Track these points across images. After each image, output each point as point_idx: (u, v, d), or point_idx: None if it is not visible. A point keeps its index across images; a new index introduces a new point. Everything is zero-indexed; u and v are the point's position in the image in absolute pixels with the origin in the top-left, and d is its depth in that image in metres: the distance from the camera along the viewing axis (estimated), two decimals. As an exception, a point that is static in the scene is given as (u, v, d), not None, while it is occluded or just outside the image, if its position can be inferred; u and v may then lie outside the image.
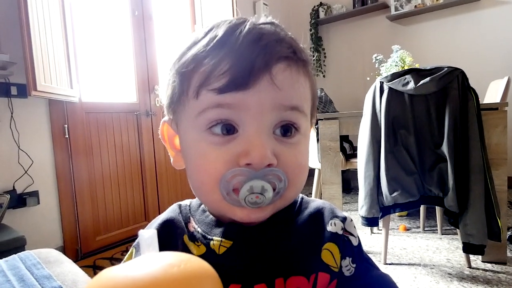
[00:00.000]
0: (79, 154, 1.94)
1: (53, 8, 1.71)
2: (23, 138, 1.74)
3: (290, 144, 0.34)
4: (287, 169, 0.33)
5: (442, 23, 3.12)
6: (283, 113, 0.33)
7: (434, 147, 1.44)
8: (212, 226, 0.37)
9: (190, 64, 0.33)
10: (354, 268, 0.37)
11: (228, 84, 0.30)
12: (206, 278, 0.23)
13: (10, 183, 1.70)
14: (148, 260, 0.22)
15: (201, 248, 0.36)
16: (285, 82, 0.32)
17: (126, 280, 0.21)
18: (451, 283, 1.40)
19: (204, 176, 0.33)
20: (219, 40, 0.32)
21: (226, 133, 0.32)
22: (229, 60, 0.31)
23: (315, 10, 3.69)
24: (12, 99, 1.70)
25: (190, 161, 0.35)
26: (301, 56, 0.35)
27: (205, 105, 0.32)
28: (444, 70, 1.39)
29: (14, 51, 1.61)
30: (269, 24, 0.35)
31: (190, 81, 0.33)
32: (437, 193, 1.45)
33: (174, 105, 0.36)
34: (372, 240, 1.90)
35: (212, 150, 0.32)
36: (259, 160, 0.30)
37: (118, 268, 0.22)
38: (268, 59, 0.31)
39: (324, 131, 1.76)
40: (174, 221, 0.39)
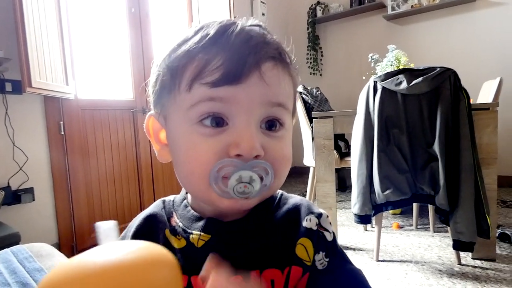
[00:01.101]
0: (75, 151, 1.94)
1: (49, 4, 1.71)
2: (18, 135, 1.75)
3: (275, 137, 0.36)
4: (274, 160, 0.35)
5: (437, 24, 3.14)
6: (270, 109, 0.35)
7: (426, 146, 1.46)
8: (193, 221, 0.39)
9: (182, 59, 0.35)
10: (327, 262, 0.38)
11: (221, 78, 0.32)
12: (161, 263, 0.24)
13: (4, 179, 1.71)
14: (106, 248, 0.23)
15: (182, 241, 0.38)
16: (272, 80, 0.34)
17: (84, 266, 0.21)
18: (441, 279, 1.42)
19: (194, 166, 0.34)
20: (212, 38, 0.34)
21: (216, 125, 0.34)
22: (222, 56, 0.33)
23: (313, 9, 3.69)
24: (6, 95, 1.70)
25: (179, 152, 0.36)
26: (286, 57, 0.37)
27: (197, 98, 0.33)
28: (436, 70, 1.41)
29: (9, 47, 1.61)
30: (257, 26, 0.37)
31: (182, 75, 0.34)
32: (428, 191, 1.47)
33: (163, 99, 0.37)
34: (365, 238, 1.93)
35: (203, 141, 0.33)
36: (249, 151, 0.32)
37: (76, 256, 0.22)
38: (258, 58, 0.33)
39: (319, 129, 1.77)
40: (156, 215, 0.41)
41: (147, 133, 0.41)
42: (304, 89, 2.33)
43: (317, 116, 1.78)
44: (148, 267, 0.23)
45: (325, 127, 1.76)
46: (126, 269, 0.22)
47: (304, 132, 2.21)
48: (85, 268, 0.21)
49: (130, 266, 0.22)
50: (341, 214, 2.38)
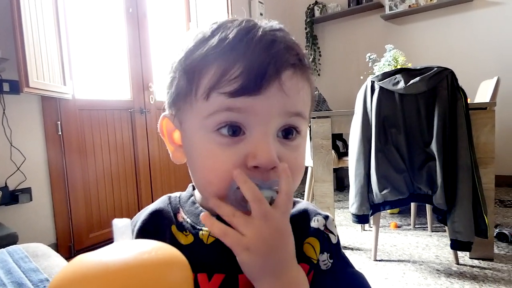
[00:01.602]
0: (72, 151, 1.94)
1: (46, 3, 1.71)
2: (15, 135, 1.74)
3: (291, 146, 0.36)
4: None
5: (435, 23, 3.15)
6: (288, 119, 0.34)
7: (424, 145, 1.46)
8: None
9: (199, 64, 0.34)
10: (331, 264, 0.39)
11: (240, 89, 0.31)
12: (175, 264, 0.24)
13: (2, 179, 1.70)
14: (121, 247, 0.23)
15: (189, 237, 0.38)
16: (292, 89, 0.34)
17: (98, 264, 0.22)
18: (439, 279, 1.42)
19: (212, 176, 0.34)
20: (230, 43, 0.33)
21: (233, 134, 0.33)
22: (240, 65, 0.32)
23: (311, 9, 3.70)
24: (4, 95, 1.70)
25: (196, 159, 0.36)
26: (305, 62, 0.36)
27: (215, 108, 0.33)
28: (433, 70, 1.41)
29: (7, 47, 1.60)
30: (279, 30, 0.35)
31: (199, 82, 0.34)
32: (426, 191, 1.48)
33: (179, 102, 0.37)
34: (363, 237, 1.93)
35: (220, 150, 0.33)
36: (266, 163, 0.32)
37: (92, 253, 0.23)
38: (278, 67, 0.32)
39: (317, 129, 1.78)
40: (162, 211, 0.41)
41: (161, 133, 0.41)
42: (302, 89, 2.33)
43: (315, 116, 1.79)
44: (163, 268, 0.23)
45: (323, 127, 1.77)
46: (143, 269, 0.22)
47: (302, 132, 2.21)
48: (102, 266, 0.22)
49: (146, 266, 0.22)
50: (339, 214, 2.39)
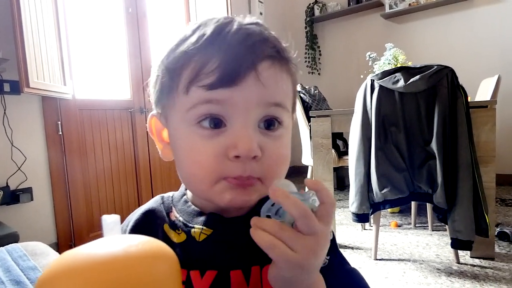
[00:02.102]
0: (73, 151, 1.94)
1: (46, 4, 1.71)
2: (16, 135, 1.75)
3: (273, 137, 0.36)
4: (271, 160, 0.35)
5: (435, 21, 3.14)
6: (268, 109, 0.35)
7: (424, 144, 1.46)
8: (194, 216, 0.39)
9: (179, 61, 0.35)
10: (327, 261, 0.39)
11: (217, 81, 0.32)
12: (162, 257, 0.25)
13: (3, 179, 1.71)
14: (109, 241, 0.24)
15: (182, 235, 0.38)
16: (269, 80, 0.34)
17: (85, 257, 0.22)
18: (439, 278, 1.42)
19: (195, 168, 0.35)
20: (208, 39, 0.34)
21: (214, 126, 0.34)
22: (218, 58, 0.33)
23: (310, 8, 3.69)
24: (5, 95, 1.71)
25: (180, 153, 0.37)
26: (284, 55, 0.37)
27: (195, 101, 0.34)
28: (433, 68, 1.41)
29: (7, 47, 1.61)
30: (255, 24, 0.36)
31: (180, 78, 0.35)
32: (426, 189, 1.47)
33: (163, 100, 0.38)
34: (363, 236, 1.93)
35: (202, 143, 0.34)
36: (246, 153, 0.33)
37: (80, 247, 0.23)
38: (254, 58, 0.33)
39: (316, 128, 1.77)
40: (155, 211, 0.42)
41: (150, 132, 0.42)
42: (302, 88, 2.33)
43: (314, 115, 1.79)
44: (149, 261, 0.23)
45: (323, 126, 1.76)
46: (128, 262, 0.22)
47: (302, 131, 2.21)
48: (90, 259, 0.22)
49: (132, 259, 0.23)
50: (340, 213, 2.38)
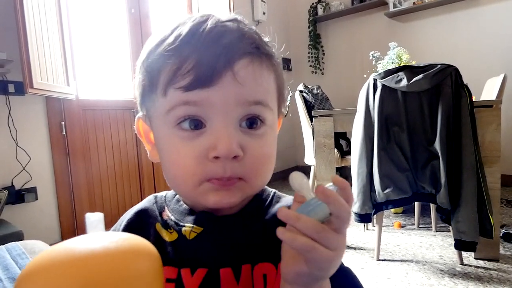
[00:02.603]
0: (76, 151, 1.96)
1: (49, 5, 1.73)
2: (20, 135, 1.77)
3: (256, 135, 0.35)
4: (253, 159, 0.35)
5: (440, 20, 3.10)
6: (248, 108, 0.34)
7: (427, 144, 1.44)
8: (185, 214, 0.40)
9: (157, 62, 0.34)
10: None
11: (193, 82, 0.32)
12: (142, 254, 0.25)
13: (8, 179, 1.73)
14: (91, 238, 0.24)
15: (174, 234, 0.38)
16: (247, 78, 0.33)
17: (67, 252, 0.23)
18: (442, 279, 1.41)
19: (176, 170, 0.35)
20: (183, 39, 0.33)
21: (194, 128, 0.34)
22: (193, 58, 0.32)
23: (314, 7, 3.68)
24: (9, 96, 1.72)
25: (163, 155, 0.37)
26: (264, 50, 0.36)
27: (173, 103, 0.33)
28: (437, 67, 1.39)
29: (11, 49, 1.62)
30: (232, 20, 0.36)
31: (158, 80, 0.34)
32: (429, 190, 1.46)
33: (146, 102, 0.38)
34: (366, 237, 1.91)
35: (182, 145, 0.34)
36: (226, 153, 0.32)
37: (62, 243, 0.24)
38: (230, 57, 0.33)
39: (319, 128, 1.77)
40: (147, 210, 0.42)
41: (138, 134, 0.42)
42: (305, 87, 2.32)
43: (317, 114, 1.78)
44: (128, 257, 0.24)
45: (325, 125, 1.76)
46: (106, 257, 0.23)
47: (305, 130, 2.20)
48: (69, 254, 0.23)
49: (110, 255, 0.23)
50: (343, 213, 2.37)
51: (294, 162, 4.00)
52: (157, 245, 0.38)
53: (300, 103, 2.19)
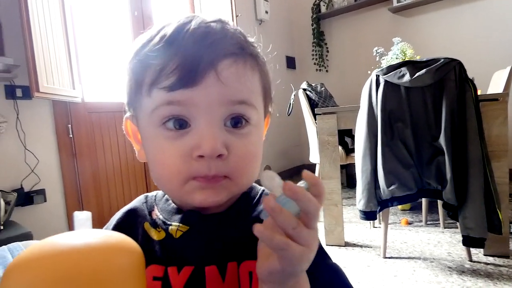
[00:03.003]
0: (83, 153, 1.99)
1: (54, 11, 1.75)
2: (29, 138, 1.80)
3: (241, 134, 0.35)
4: (238, 158, 0.35)
5: (445, 14, 3.06)
6: (232, 107, 0.35)
7: (432, 139, 1.43)
8: (173, 213, 0.40)
9: (142, 63, 0.35)
10: None
11: (177, 82, 0.32)
12: (124, 251, 0.26)
13: (17, 181, 1.76)
14: (75, 234, 0.25)
15: (161, 233, 0.39)
16: (231, 78, 0.34)
17: (48, 248, 0.24)
18: (451, 276, 1.39)
19: (161, 169, 0.36)
20: (168, 39, 0.34)
21: (179, 127, 0.34)
22: (177, 59, 0.33)
23: (317, 5, 3.66)
24: (17, 100, 1.76)
25: (149, 155, 0.38)
26: (249, 50, 0.36)
27: (157, 103, 0.34)
28: (440, 61, 1.37)
29: (18, 54, 1.65)
30: (216, 21, 0.36)
31: (143, 80, 0.35)
32: (435, 186, 1.44)
33: (132, 102, 0.39)
34: (372, 234, 1.90)
35: (167, 144, 0.34)
36: (210, 152, 0.32)
37: (47, 239, 0.25)
38: (213, 57, 0.33)
39: (322, 125, 1.76)
40: (137, 210, 0.43)
41: (126, 134, 0.42)
42: (308, 85, 2.31)
43: (320, 112, 1.77)
44: (109, 252, 0.25)
45: (329, 123, 1.75)
46: (88, 252, 0.24)
47: (309, 129, 2.20)
48: (51, 249, 0.24)
49: (91, 250, 0.24)
50: (349, 211, 2.36)
51: (300, 160, 3.99)
52: (145, 244, 0.38)
53: (304, 101, 2.18)
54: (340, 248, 1.74)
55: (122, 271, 0.24)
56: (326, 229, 1.79)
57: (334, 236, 1.78)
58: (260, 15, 3.33)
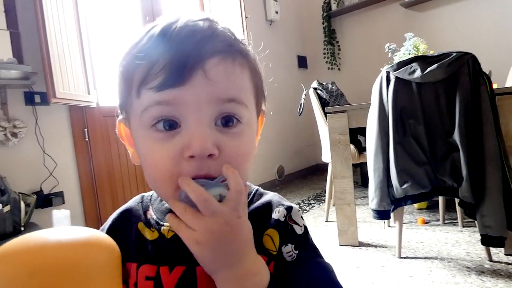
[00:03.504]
0: (99, 156, 2.04)
1: (69, 20, 1.82)
2: (47, 143, 1.87)
3: (232, 134, 0.35)
4: (230, 158, 0.34)
5: (460, 7, 2.96)
6: (222, 106, 0.34)
7: (446, 136, 1.39)
8: (166, 213, 0.40)
9: (131, 64, 0.35)
10: (296, 255, 0.38)
11: (164, 82, 0.32)
12: (96, 245, 0.27)
13: (37, 184, 1.83)
14: (51, 230, 0.26)
15: (155, 233, 0.39)
16: (219, 76, 0.33)
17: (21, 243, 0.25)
18: (469, 277, 1.34)
19: (153, 172, 0.35)
20: (155, 39, 0.34)
21: (169, 128, 0.34)
22: (164, 58, 0.32)
23: (327, 3, 3.62)
24: (36, 106, 1.83)
25: (141, 157, 0.37)
26: (237, 48, 0.36)
27: (146, 104, 0.33)
28: (452, 55, 1.34)
29: (36, 61, 1.72)
30: (204, 20, 0.36)
31: (132, 81, 0.35)
32: (450, 183, 1.40)
33: (123, 105, 0.38)
34: (387, 234, 1.86)
35: (157, 146, 0.34)
36: (200, 152, 0.32)
37: (23, 236, 0.26)
38: (200, 55, 0.33)
39: (333, 124, 1.74)
40: (132, 210, 0.43)
41: (120, 137, 0.42)
42: (319, 84, 2.29)
43: (330, 111, 1.75)
44: (80, 247, 0.26)
45: (340, 121, 1.73)
46: (58, 247, 0.25)
47: (321, 128, 2.18)
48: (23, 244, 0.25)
49: (62, 245, 0.25)
50: (364, 210, 2.32)
51: (315, 160, 3.95)
52: (138, 244, 0.39)
53: (315, 101, 2.17)
54: (354, 248, 1.71)
55: (94, 265, 0.25)
56: (339, 229, 1.77)
57: (348, 236, 1.75)
58: (270, 16, 3.33)
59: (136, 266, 0.38)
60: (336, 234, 1.79)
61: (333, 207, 2.14)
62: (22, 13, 1.78)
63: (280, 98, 3.45)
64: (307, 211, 2.49)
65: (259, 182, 3.14)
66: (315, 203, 2.68)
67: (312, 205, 2.62)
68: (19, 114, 1.78)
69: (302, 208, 2.58)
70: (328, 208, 2.21)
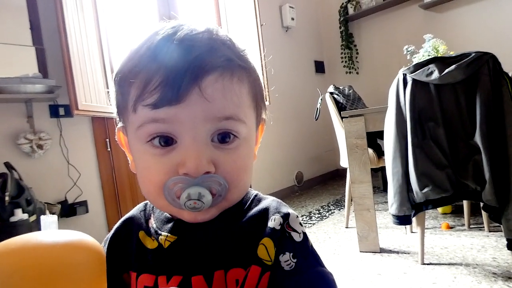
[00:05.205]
0: (121, 165, 2.10)
1: (90, 35, 1.90)
2: (71, 154, 1.94)
3: (228, 150, 0.35)
4: (226, 174, 0.34)
5: (481, 6, 2.87)
6: (218, 123, 0.34)
7: (467, 138, 1.35)
8: (165, 223, 0.40)
9: (127, 77, 0.35)
10: (294, 263, 0.36)
11: (160, 100, 0.32)
12: (78, 248, 0.27)
13: (62, 194, 1.90)
14: (35, 234, 0.28)
15: (155, 242, 0.39)
16: (215, 94, 0.33)
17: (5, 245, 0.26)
18: (495, 283, 1.29)
19: (149, 186, 0.36)
20: (152, 52, 0.33)
21: (165, 144, 0.34)
22: (160, 75, 0.32)
23: (344, 7, 3.60)
24: (60, 119, 1.91)
25: (137, 170, 0.38)
26: (236, 62, 0.35)
27: (142, 120, 0.33)
28: (471, 56, 1.30)
29: (59, 75, 1.81)
30: (203, 32, 0.35)
31: (129, 95, 0.35)
32: (473, 187, 1.35)
33: (120, 115, 0.39)
34: (409, 240, 1.81)
35: (154, 161, 0.34)
36: (195, 170, 0.32)
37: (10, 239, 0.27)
38: (197, 73, 0.32)
39: (350, 128, 1.72)
40: (134, 218, 0.43)
41: (120, 145, 0.42)
42: (335, 88, 2.28)
43: (347, 115, 1.74)
44: (61, 249, 0.27)
45: (357, 125, 1.71)
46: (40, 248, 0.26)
47: (338, 132, 2.16)
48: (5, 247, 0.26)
49: (44, 247, 0.26)
50: (385, 216, 2.26)
51: (334, 165, 3.90)
52: (138, 253, 0.39)
53: (331, 105, 2.15)
54: (375, 255, 1.67)
55: (76, 266, 0.26)
56: (359, 235, 1.74)
57: (368, 242, 1.72)
58: (286, 22, 3.34)
59: (136, 275, 0.38)
60: (356, 241, 1.76)
61: (353, 213, 2.10)
62: (46, 30, 1.88)
63: (298, 104, 3.45)
64: (327, 217, 2.46)
65: (277, 188, 3.12)
66: (335, 209, 2.65)
67: (332, 211, 2.59)
68: (45, 127, 1.86)
69: (321, 214, 2.55)
70: (348, 214, 2.17)
